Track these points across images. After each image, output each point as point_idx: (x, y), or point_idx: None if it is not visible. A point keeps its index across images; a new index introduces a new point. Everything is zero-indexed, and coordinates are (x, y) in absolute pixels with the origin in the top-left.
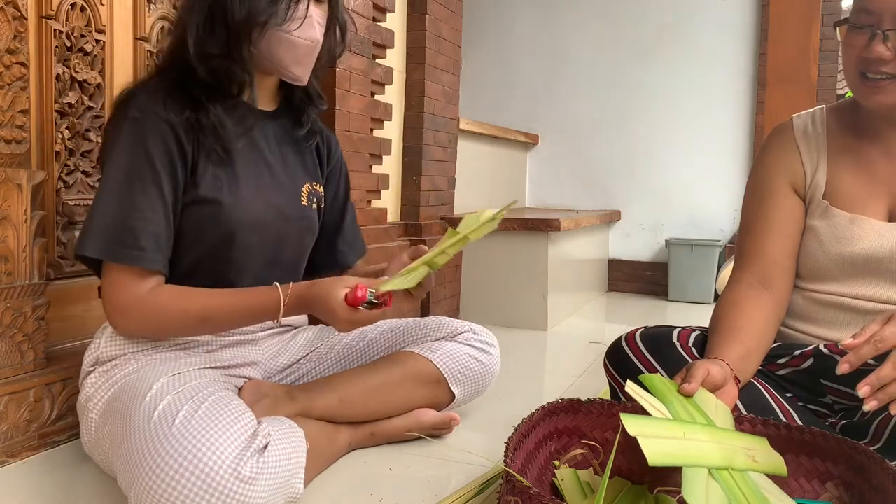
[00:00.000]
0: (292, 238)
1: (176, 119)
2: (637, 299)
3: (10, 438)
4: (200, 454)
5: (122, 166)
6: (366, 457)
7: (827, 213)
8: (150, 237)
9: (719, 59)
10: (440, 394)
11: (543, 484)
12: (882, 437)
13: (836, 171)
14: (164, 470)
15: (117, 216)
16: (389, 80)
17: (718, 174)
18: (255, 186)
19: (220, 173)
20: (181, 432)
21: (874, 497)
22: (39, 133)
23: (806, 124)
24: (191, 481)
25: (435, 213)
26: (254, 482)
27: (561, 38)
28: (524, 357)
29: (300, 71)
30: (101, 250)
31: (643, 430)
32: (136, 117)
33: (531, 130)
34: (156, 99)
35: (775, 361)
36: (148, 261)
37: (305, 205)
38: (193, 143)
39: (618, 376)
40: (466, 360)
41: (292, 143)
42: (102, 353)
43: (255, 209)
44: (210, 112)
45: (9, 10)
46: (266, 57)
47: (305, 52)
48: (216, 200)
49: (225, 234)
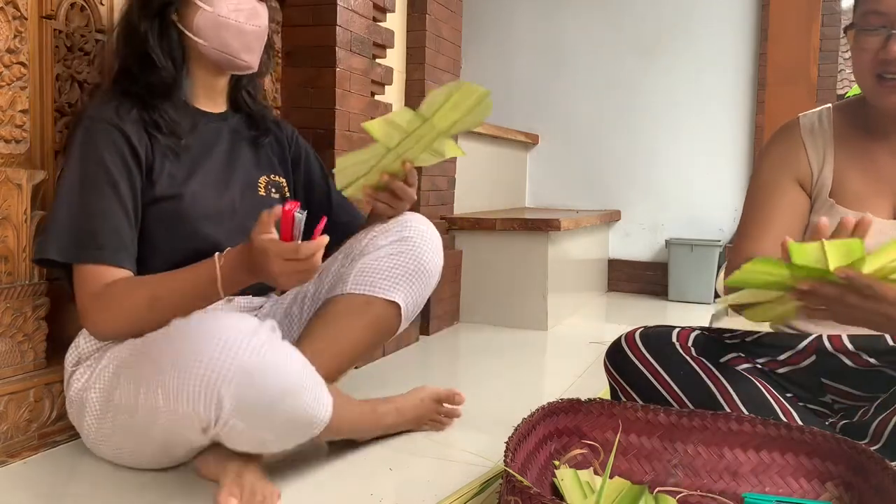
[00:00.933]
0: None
1: (128, 124)
2: (637, 299)
3: (10, 438)
4: (220, 329)
5: (77, 172)
6: (366, 457)
7: (832, 211)
8: (108, 235)
9: (719, 59)
10: (383, 313)
11: (543, 484)
12: (882, 437)
13: (842, 170)
14: (190, 349)
15: (75, 219)
16: (389, 80)
17: (718, 174)
18: (210, 181)
19: (175, 171)
20: (198, 324)
21: (874, 497)
22: (39, 133)
23: (813, 122)
24: (215, 347)
25: (435, 213)
26: (272, 345)
27: (561, 38)
28: (524, 357)
29: (250, 57)
30: (62, 252)
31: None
32: (87, 126)
33: (531, 130)
34: (107, 107)
35: (776, 358)
36: (108, 259)
37: (263, 195)
38: (146, 146)
39: (618, 376)
40: (381, 264)
41: (246, 141)
42: (83, 350)
43: (212, 201)
44: (158, 109)
45: (9, 10)
46: (216, 47)
47: (254, 37)
48: (174, 196)
49: (188, 230)
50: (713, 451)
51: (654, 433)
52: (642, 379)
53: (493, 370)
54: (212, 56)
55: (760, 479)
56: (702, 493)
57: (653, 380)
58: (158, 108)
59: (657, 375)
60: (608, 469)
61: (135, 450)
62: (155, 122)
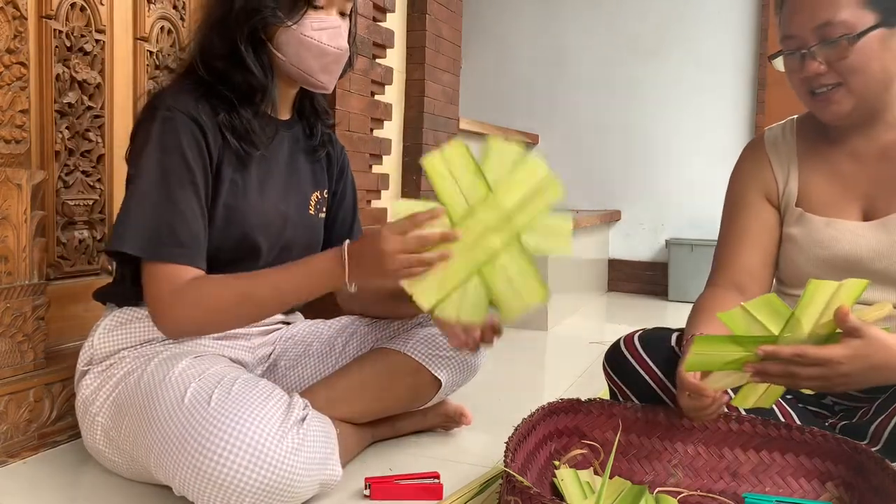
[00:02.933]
0: (298, 245)
1: (207, 121)
2: (637, 299)
3: (10, 438)
4: (244, 428)
5: (157, 163)
6: (366, 457)
7: (802, 219)
8: (188, 234)
9: (719, 59)
10: (423, 383)
11: (543, 484)
12: (881, 438)
13: (807, 179)
14: (209, 448)
15: (155, 213)
16: (389, 80)
17: (718, 174)
18: (267, 192)
19: (239, 179)
20: (219, 411)
21: (874, 497)
22: (39, 133)
23: (776, 136)
24: (238, 455)
25: None
26: (298, 452)
27: (561, 38)
28: (524, 357)
29: (327, 79)
30: (141, 247)
31: None
32: (167, 116)
33: (531, 130)
34: (187, 99)
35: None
36: (187, 258)
37: (312, 213)
38: (219, 148)
39: (617, 379)
40: (443, 341)
41: (304, 152)
42: (97, 351)
43: (265, 213)
44: (242, 116)
45: (9, 10)
46: (294, 63)
47: (334, 59)
48: (231, 204)
49: (236, 236)
50: (713, 451)
51: (654, 433)
52: (641, 382)
53: (493, 370)
54: (290, 72)
55: (760, 479)
56: (702, 493)
57: (652, 383)
58: (240, 113)
59: (656, 378)
60: (608, 469)
61: (132, 471)
62: (233, 126)
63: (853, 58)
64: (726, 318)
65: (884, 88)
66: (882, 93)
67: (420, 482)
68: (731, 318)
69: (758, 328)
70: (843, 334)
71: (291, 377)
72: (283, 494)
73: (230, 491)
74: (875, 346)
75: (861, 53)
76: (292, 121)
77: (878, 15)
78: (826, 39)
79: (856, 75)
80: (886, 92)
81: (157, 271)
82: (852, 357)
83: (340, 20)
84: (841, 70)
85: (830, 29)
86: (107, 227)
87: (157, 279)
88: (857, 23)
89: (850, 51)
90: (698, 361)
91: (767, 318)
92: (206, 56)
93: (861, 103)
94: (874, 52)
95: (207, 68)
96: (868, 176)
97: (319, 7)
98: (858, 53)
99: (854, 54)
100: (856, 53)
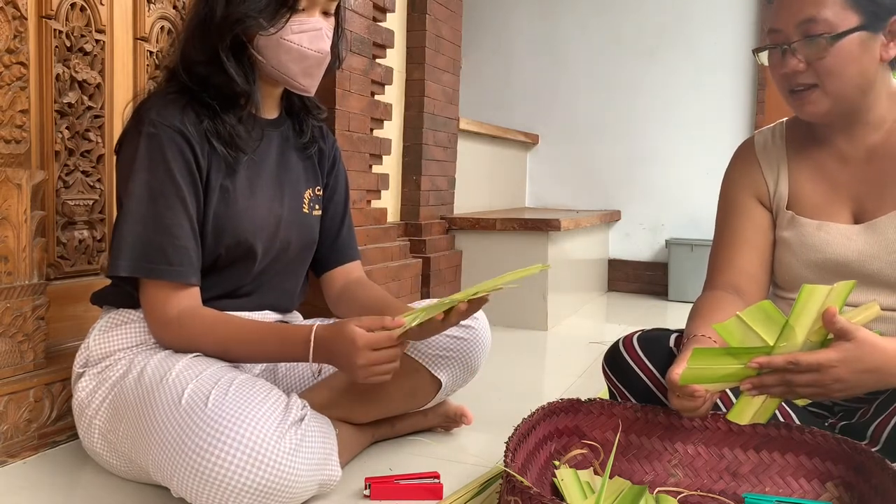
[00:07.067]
0: (294, 246)
1: (192, 130)
2: (637, 299)
3: (10, 438)
4: (242, 429)
5: (145, 185)
6: (366, 457)
7: (793, 223)
8: (177, 251)
9: (719, 59)
10: (424, 383)
11: (543, 484)
12: (881, 438)
13: (797, 182)
14: (206, 449)
15: (144, 234)
16: (389, 80)
17: (718, 174)
18: (258, 194)
19: (227, 184)
20: (216, 412)
21: (874, 497)
22: (39, 133)
23: (766, 139)
24: (236, 456)
25: (435, 213)
26: (296, 452)
27: (561, 39)
28: (524, 357)
29: (308, 82)
30: (132, 269)
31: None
32: (152, 133)
33: (531, 130)
34: (171, 111)
35: None
36: (177, 275)
37: (307, 212)
38: (207, 156)
39: (616, 381)
40: (443, 342)
41: (295, 150)
42: (92, 353)
43: (257, 217)
44: (225, 122)
45: (9, 10)
46: (275, 66)
47: (315, 63)
48: (222, 210)
49: (230, 240)
50: (713, 451)
51: (653, 433)
52: (640, 383)
53: (493, 370)
54: (271, 74)
55: (760, 478)
56: (702, 493)
57: (650, 384)
58: (223, 119)
59: (654, 380)
60: (608, 469)
61: (130, 472)
62: (218, 132)
63: (830, 59)
64: (721, 328)
65: (861, 92)
66: (859, 96)
67: (420, 482)
68: (726, 328)
69: (753, 338)
70: (834, 338)
71: (291, 377)
72: (282, 495)
73: (228, 491)
74: (866, 349)
75: (839, 55)
76: (280, 119)
77: (861, 17)
78: (808, 35)
79: (831, 77)
80: (864, 96)
81: (149, 290)
82: (844, 360)
83: (324, 21)
84: (818, 70)
85: (813, 25)
86: (107, 227)
87: (151, 297)
88: (840, 23)
89: (829, 51)
90: (694, 375)
91: (762, 327)
92: (187, 62)
93: (837, 105)
94: (852, 54)
95: (189, 74)
96: (856, 178)
97: (301, 10)
98: (836, 55)
99: (832, 56)
100: (834, 55)
